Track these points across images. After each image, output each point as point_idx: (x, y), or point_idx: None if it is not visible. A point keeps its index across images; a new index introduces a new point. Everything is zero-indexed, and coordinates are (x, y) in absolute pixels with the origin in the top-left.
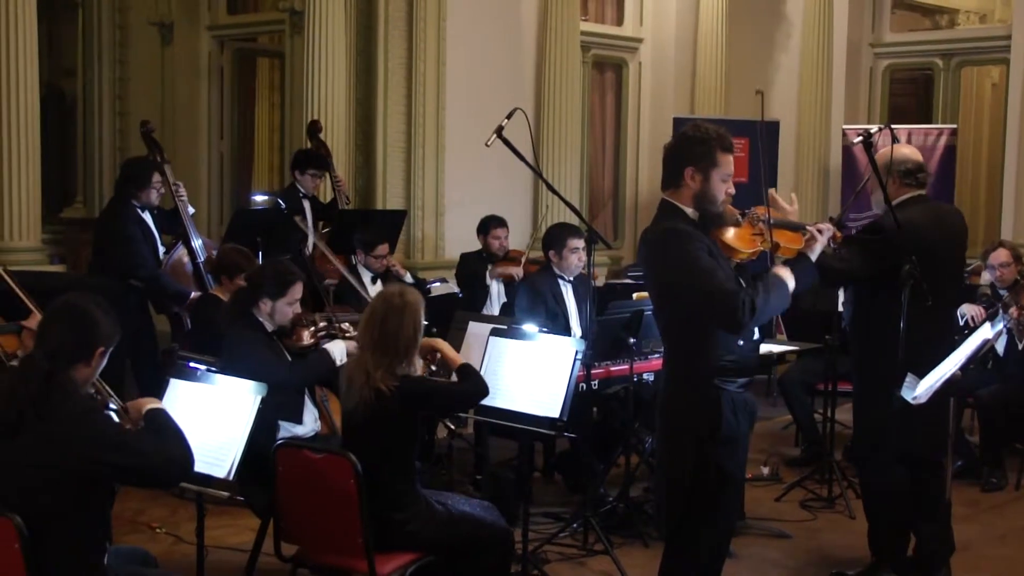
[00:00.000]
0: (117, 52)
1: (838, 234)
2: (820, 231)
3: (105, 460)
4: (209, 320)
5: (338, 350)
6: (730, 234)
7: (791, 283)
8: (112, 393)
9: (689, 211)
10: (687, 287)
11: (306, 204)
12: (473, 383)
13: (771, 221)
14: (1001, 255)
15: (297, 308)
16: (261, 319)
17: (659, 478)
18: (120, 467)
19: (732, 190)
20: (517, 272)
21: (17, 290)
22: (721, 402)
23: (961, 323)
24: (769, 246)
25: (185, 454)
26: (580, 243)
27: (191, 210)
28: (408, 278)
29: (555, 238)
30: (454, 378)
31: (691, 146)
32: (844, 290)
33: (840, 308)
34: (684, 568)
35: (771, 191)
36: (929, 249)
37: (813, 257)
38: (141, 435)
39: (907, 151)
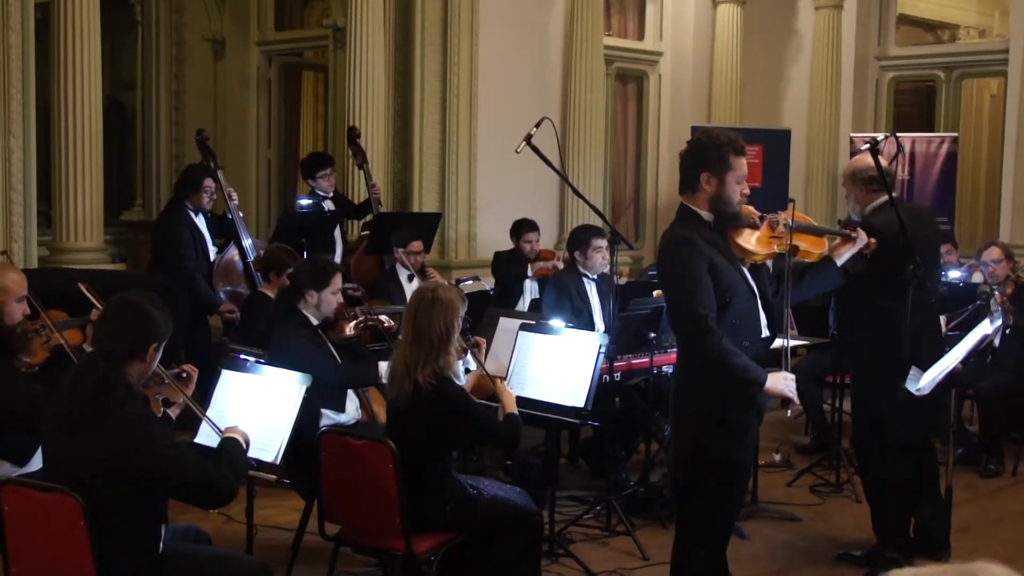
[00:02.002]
0: (173, 67)
1: (872, 242)
2: (855, 237)
3: (148, 469)
4: (257, 316)
5: (386, 368)
6: (745, 235)
7: (765, 386)
8: (196, 404)
9: (704, 214)
10: (672, 296)
11: (328, 205)
12: (511, 429)
13: (795, 225)
14: (993, 253)
15: (340, 298)
16: (307, 313)
17: (673, 463)
18: (160, 479)
19: (747, 191)
20: (556, 264)
21: (90, 296)
22: (728, 395)
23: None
24: (786, 248)
25: (224, 488)
26: (603, 243)
27: (241, 214)
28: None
29: (580, 239)
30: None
31: (705, 151)
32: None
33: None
34: (696, 545)
35: None
36: (919, 248)
37: (840, 261)
38: (191, 453)
39: (869, 159)
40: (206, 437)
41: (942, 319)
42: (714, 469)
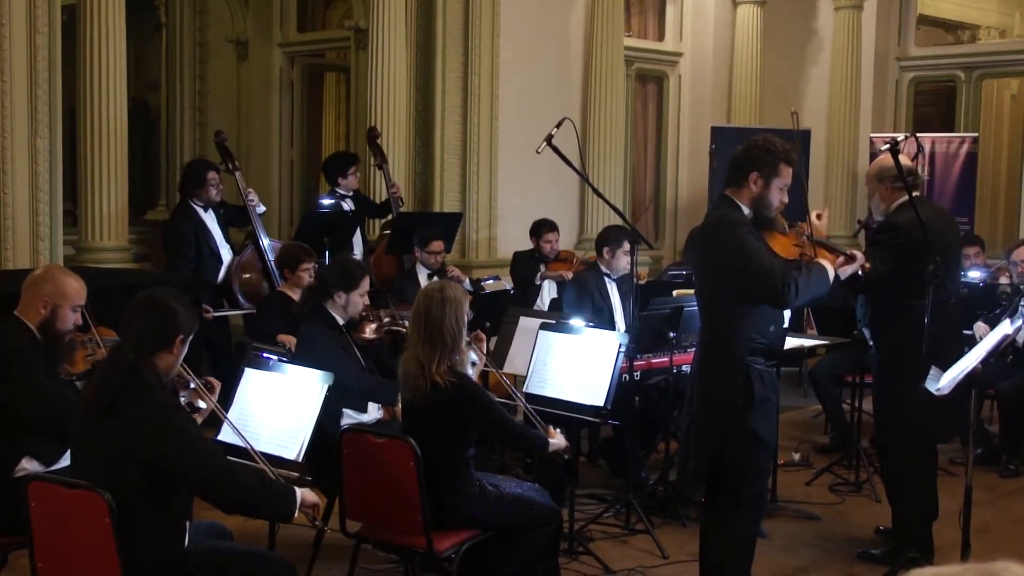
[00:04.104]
0: (197, 68)
1: (867, 265)
2: (855, 257)
3: (172, 458)
4: (275, 315)
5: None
6: (775, 239)
7: (831, 271)
8: (221, 410)
9: (745, 209)
10: (736, 268)
11: (347, 204)
12: (534, 435)
13: (815, 239)
14: (1023, 252)
15: (366, 300)
16: (334, 313)
17: (699, 447)
18: (180, 468)
19: (786, 199)
20: (567, 274)
21: None
22: (750, 374)
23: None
24: (808, 260)
25: (238, 497)
26: (631, 248)
27: (262, 208)
28: (467, 284)
29: (613, 238)
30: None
31: (760, 154)
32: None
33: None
34: (728, 529)
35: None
36: (941, 246)
37: (843, 275)
38: (216, 451)
39: (894, 161)
40: (228, 435)
41: (983, 326)
42: (750, 447)
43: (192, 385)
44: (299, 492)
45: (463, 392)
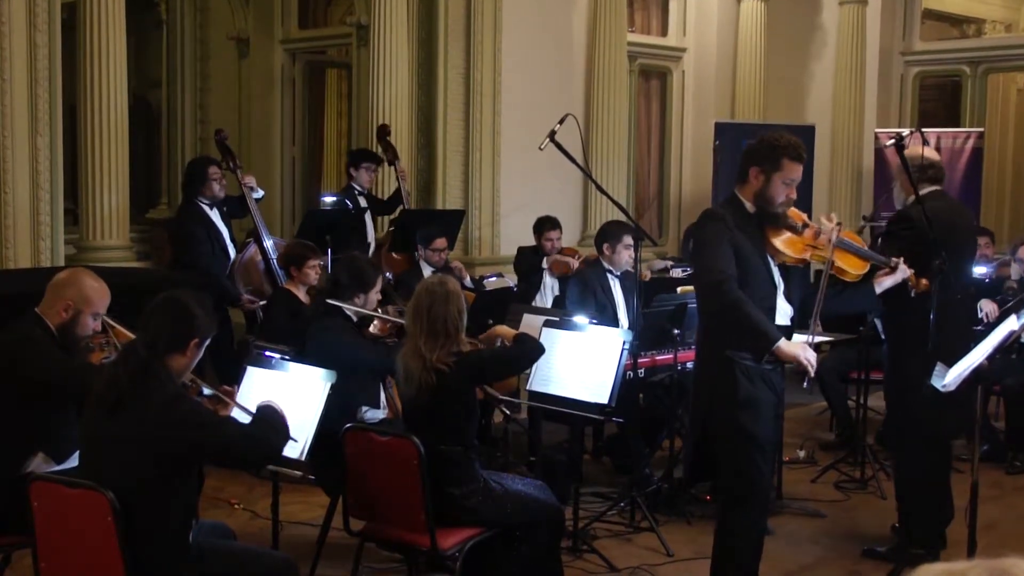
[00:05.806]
0: (198, 65)
1: (924, 282)
2: (896, 268)
3: (190, 439)
4: (281, 312)
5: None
6: (781, 236)
7: (778, 344)
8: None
9: (748, 205)
10: (695, 262)
11: (362, 201)
12: (526, 346)
13: (838, 242)
14: None
15: (379, 296)
16: (348, 312)
17: (690, 439)
18: (205, 444)
19: (793, 195)
20: (572, 263)
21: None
22: (734, 369)
23: (980, 316)
24: (822, 260)
25: (264, 447)
26: (632, 243)
27: (260, 193)
28: (468, 281)
29: (612, 233)
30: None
31: (762, 149)
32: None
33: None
34: (729, 527)
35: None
36: (953, 240)
37: (878, 289)
38: (231, 420)
39: (919, 151)
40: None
41: (992, 305)
42: (742, 444)
43: (206, 392)
44: (276, 405)
45: (465, 363)
